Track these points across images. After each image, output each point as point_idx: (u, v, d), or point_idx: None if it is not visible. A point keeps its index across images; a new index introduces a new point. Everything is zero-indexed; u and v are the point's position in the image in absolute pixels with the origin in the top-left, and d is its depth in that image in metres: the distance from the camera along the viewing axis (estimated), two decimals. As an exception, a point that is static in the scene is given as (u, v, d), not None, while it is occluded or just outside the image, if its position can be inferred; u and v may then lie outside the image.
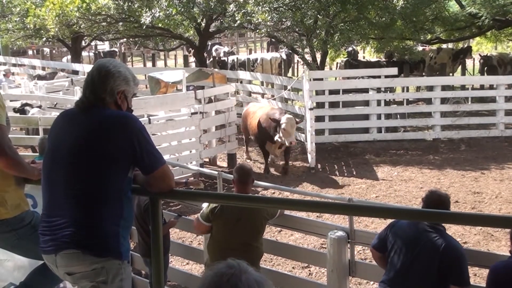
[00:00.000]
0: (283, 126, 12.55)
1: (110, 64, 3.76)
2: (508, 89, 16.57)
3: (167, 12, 17.00)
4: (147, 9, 17.37)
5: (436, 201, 5.15)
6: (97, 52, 32.74)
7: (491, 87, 17.54)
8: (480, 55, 23.17)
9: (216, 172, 7.31)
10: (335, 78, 18.80)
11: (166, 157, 11.50)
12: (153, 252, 3.60)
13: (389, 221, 5.76)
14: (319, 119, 15.91)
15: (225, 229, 5.80)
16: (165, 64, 30.28)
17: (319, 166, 13.82)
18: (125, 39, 25.11)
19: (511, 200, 11.07)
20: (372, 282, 7.55)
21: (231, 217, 5.72)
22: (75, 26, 19.88)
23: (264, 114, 13.34)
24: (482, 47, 27.52)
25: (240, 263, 2.29)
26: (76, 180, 3.63)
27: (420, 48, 21.25)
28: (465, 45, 25.65)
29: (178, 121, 12.63)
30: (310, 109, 13.88)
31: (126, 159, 3.58)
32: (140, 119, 11.33)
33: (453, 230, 9.45)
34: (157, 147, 3.64)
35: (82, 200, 3.59)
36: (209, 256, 6.04)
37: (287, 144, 12.80)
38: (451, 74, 22.31)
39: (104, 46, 35.69)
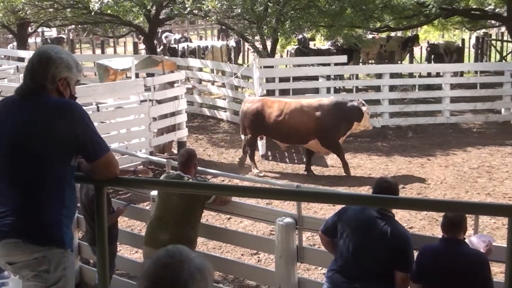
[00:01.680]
0: (365, 110, 12.18)
1: (51, 50, 3.69)
2: (453, 77, 16.90)
3: (117, -2, 16.78)
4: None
5: (386, 188, 5.24)
6: (44, 38, 32.09)
7: (437, 75, 17.86)
8: (428, 43, 23.54)
9: (165, 160, 7.28)
10: (286, 66, 18.87)
11: (115, 145, 11.44)
12: (98, 240, 3.55)
13: (337, 207, 5.83)
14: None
15: (163, 204, 6.21)
16: (115, 51, 29.88)
17: (269, 153, 13.86)
18: (73, 26, 24.68)
19: (455, 186, 11.31)
20: (320, 268, 7.61)
21: (170, 194, 6.06)
22: (20, 12, 19.43)
23: (316, 105, 12.33)
24: (429, 35, 27.96)
25: (181, 249, 2.29)
26: (17, 168, 3.56)
27: (370, 36, 21.45)
28: (413, 34, 25.97)
29: (127, 108, 12.50)
30: (262, 96, 13.88)
31: (69, 147, 3.53)
32: (88, 107, 11.27)
33: (399, 215, 9.59)
34: (106, 135, 3.64)
35: (23, 189, 3.53)
36: (146, 234, 6.38)
37: (370, 128, 12.93)
38: (399, 62, 22.61)
39: (52, 33, 34.97)
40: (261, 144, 13.72)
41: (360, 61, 22.31)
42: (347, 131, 12.39)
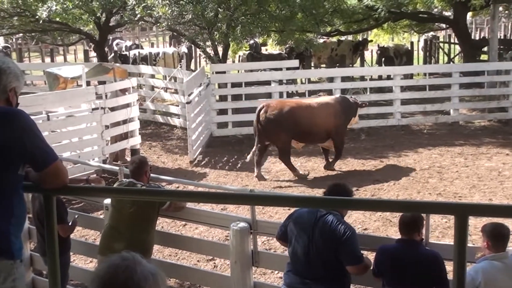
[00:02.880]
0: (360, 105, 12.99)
1: None
2: (403, 79, 17.16)
3: (65, 6, 16.54)
4: (41, 3, 16.82)
5: (338, 192, 5.32)
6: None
7: (388, 78, 18.11)
8: (378, 46, 23.86)
9: (118, 168, 7.22)
10: (238, 71, 18.89)
11: (66, 154, 11.30)
12: (48, 250, 3.49)
13: (293, 210, 5.88)
14: (222, 112, 16.00)
15: (116, 212, 6.16)
16: (65, 59, 29.40)
17: (225, 158, 13.86)
18: (21, 34, 24.26)
19: (408, 187, 11.48)
20: (276, 272, 7.64)
21: (124, 202, 6.02)
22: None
23: (325, 104, 12.63)
24: (379, 38, 28.32)
25: (134, 255, 2.29)
26: (-36, 178, 3.48)
27: (321, 40, 21.64)
28: (363, 37, 26.32)
29: (79, 117, 12.35)
30: (187, 102, 13.73)
31: (16, 156, 3.47)
32: (38, 116, 11.07)
33: (354, 217, 9.71)
34: (57, 144, 3.57)
35: None
36: (100, 243, 6.35)
37: (358, 123, 13.83)
38: (350, 65, 22.87)
39: None
40: (189, 150, 13.65)
41: (312, 65, 22.51)
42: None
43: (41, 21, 17.67)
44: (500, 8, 20.13)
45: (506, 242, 5.10)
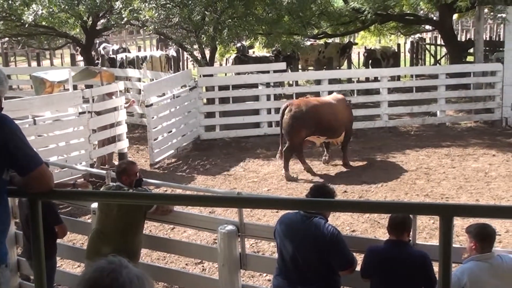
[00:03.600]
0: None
1: None
2: (390, 81, 17.21)
3: (50, 10, 16.48)
4: (27, 7, 16.75)
5: (321, 194, 5.33)
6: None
7: (375, 80, 18.16)
8: (365, 49, 23.94)
9: (105, 172, 7.21)
10: (225, 74, 18.90)
11: (53, 158, 11.26)
12: (34, 254, 3.48)
13: (281, 213, 5.89)
14: (210, 115, 16.00)
15: (104, 216, 6.18)
16: (51, 64, 29.29)
17: (210, 160, 13.86)
18: (7, 38, 24.14)
19: (395, 188, 11.52)
20: (265, 274, 7.65)
21: (111, 205, 6.04)
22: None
23: (339, 101, 13.20)
24: (366, 41, 28.43)
25: (121, 259, 2.29)
26: None
27: (308, 43, 21.69)
28: (349, 40, 26.42)
29: (66, 121, 12.31)
30: (147, 106, 13.64)
31: (0, 160, 3.45)
32: (24, 120, 11.03)
33: (342, 219, 9.74)
34: (44, 148, 3.54)
35: None
36: (87, 247, 6.36)
37: None
38: (338, 67, 22.92)
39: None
40: (150, 153, 13.63)
41: (300, 67, 22.55)
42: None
43: (27, 25, 17.62)
44: (486, 10, 20.24)
45: (493, 242, 5.13)
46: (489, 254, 5.01)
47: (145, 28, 18.23)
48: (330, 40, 23.61)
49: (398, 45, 25.90)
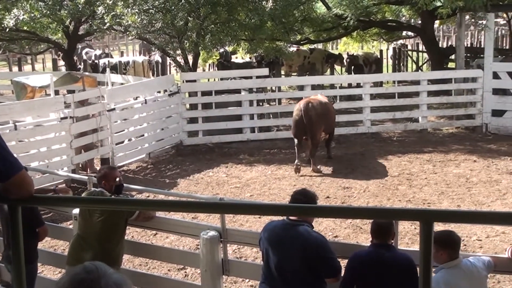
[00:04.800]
0: None
1: None
2: (373, 87, 17.29)
3: (32, 15, 16.39)
4: (8, 12, 16.63)
5: (302, 201, 5.31)
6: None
7: (358, 86, 18.24)
8: (347, 55, 24.03)
9: (87, 177, 7.18)
10: (208, 80, 18.89)
11: (35, 164, 11.19)
12: (14, 260, 3.45)
13: (263, 219, 5.89)
14: (192, 120, 15.97)
15: (85, 222, 6.16)
16: (33, 68, 29.09)
17: (193, 166, 13.83)
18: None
19: (378, 194, 11.57)
20: (248, 280, 7.64)
21: (92, 211, 6.03)
22: None
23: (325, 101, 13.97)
24: (349, 47, 28.55)
25: (98, 265, 2.25)
26: None
27: (293, 48, 21.73)
28: (339, 53, 26.51)
29: (47, 126, 12.24)
30: (109, 110, 13.51)
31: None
32: (5, 126, 10.95)
33: (324, 225, 9.77)
34: (25, 154, 3.51)
35: None
36: (68, 253, 6.34)
37: None
38: (321, 73, 22.98)
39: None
40: (110, 157, 13.60)
41: (283, 73, 22.58)
42: None
43: (8, 30, 17.49)
44: (467, 17, 20.42)
45: (459, 248, 5.17)
46: (458, 260, 5.04)
47: (127, 33, 18.16)
48: (312, 46, 23.67)
49: (381, 51, 26.04)
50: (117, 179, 6.25)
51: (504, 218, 2.63)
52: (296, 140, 13.32)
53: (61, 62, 24.85)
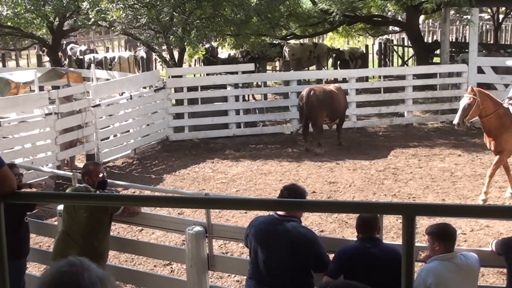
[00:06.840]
0: None
1: None
2: (359, 82, 17.33)
3: (16, 11, 16.28)
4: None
5: (293, 195, 5.32)
6: None
7: (343, 80, 18.27)
8: (333, 49, 24.07)
9: (71, 173, 7.15)
10: (194, 75, 18.85)
11: (19, 160, 11.11)
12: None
13: (249, 214, 5.89)
14: (178, 116, 15.94)
15: (70, 218, 6.13)
16: (17, 65, 28.95)
17: (179, 161, 13.81)
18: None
19: (363, 188, 11.60)
20: (233, 275, 7.64)
21: (77, 207, 6.01)
22: None
23: (339, 89, 14.90)
24: (335, 42, 28.60)
25: (82, 260, 2.25)
26: None
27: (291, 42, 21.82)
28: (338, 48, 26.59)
29: (31, 122, 12.17)
30: (94, 106, 13.44)
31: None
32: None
33: (310, 219, 9.77)
34: (9, 150, 3.49)
35: None
36: (53, 249, 6.34)
37: None
38: (306, 68, 23.01)
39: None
40: (96, 152, 13.58)
41: (270, 68, 22.59)
42: None
43: (-9, 26, 17.40)
44: (452, 12, 20.49)
45: (455, 241, 5.19)
46: (452, 254, 5.06)
47: (112, 28, 18.10)
48: (298, 41, 23.69)
49: (366, 46, 26.12)
50: (100, 175, 6.21)
51: (488, 211, 2.65)
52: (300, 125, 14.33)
53: (45, 58, 24.71)
